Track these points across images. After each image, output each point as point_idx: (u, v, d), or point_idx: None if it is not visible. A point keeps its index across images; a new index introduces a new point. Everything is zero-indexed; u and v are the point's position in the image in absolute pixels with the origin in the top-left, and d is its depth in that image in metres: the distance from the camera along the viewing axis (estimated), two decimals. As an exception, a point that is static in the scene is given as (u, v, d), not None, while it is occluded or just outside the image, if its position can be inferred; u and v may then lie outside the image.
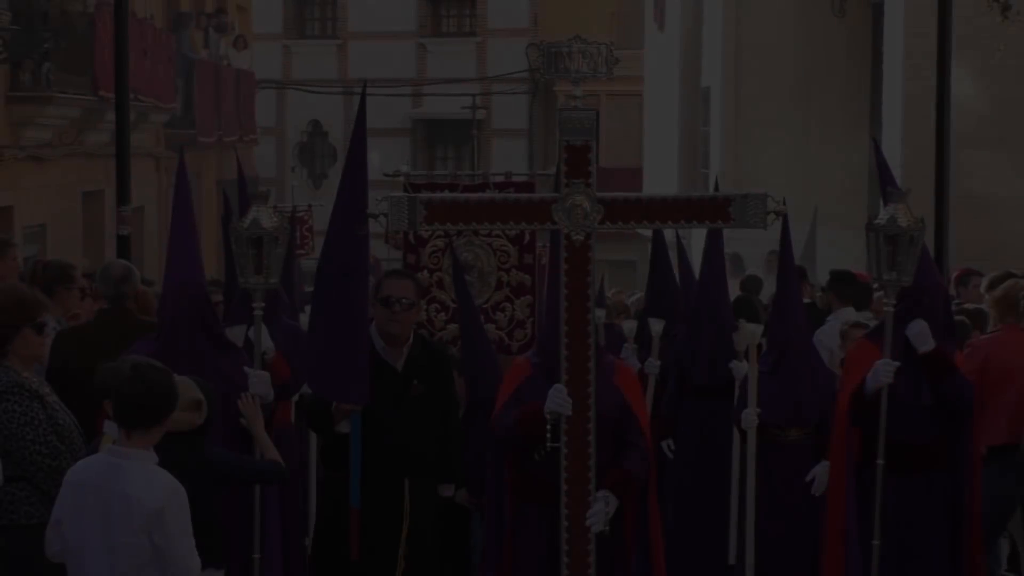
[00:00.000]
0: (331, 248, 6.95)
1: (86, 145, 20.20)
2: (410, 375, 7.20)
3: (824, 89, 20.29)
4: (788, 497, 8.58)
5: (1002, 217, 15.71)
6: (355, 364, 6.92)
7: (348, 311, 6.89)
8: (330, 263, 6.95)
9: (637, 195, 6.26)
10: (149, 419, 5.27)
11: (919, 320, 7.33)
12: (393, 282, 7.26)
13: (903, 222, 6.96)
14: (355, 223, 6.78)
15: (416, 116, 34.87)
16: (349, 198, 6.85)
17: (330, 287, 6.93)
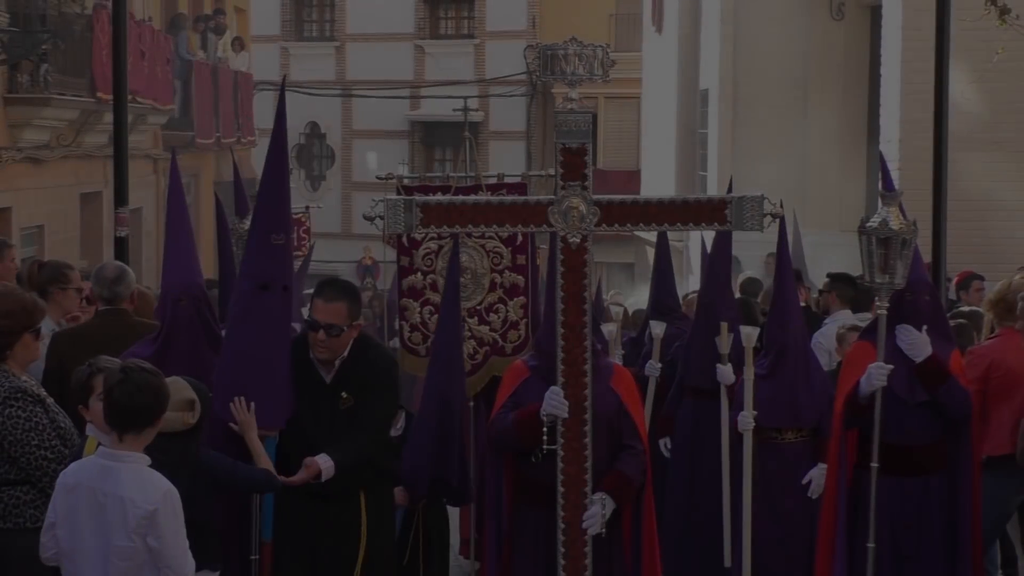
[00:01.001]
0: (249, 259, 6.58)
1: (84, 146, 20.21)
2: (339, 387, 6.71)
3: (822, 92, 20.30)
4: (785, 500, 8.58)
5: (998, 220, 15.71)
6: (270, 384, 6.51)
7: (266, 326, 6.46)
8: (248, 275, 6.55)
9: (633, 197, 6.24)
10: (141, 422, 5.27)
11: (909, 328, 7.32)
12: (320, 305, 6.66)
13: (895, 225, 6.97)
14: (272, 231, 6.47)
15: (414, 118, 34.89)
16: (266, 204, 6.54)
17: (247, 300, 6.50)
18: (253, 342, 6.43)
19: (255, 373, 6.42)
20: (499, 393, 6.97)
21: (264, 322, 6.43)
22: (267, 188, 6.56)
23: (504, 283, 9.40)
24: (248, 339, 6.44)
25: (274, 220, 6.51)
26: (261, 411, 6.44)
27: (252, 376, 6.42)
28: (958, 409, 7.34)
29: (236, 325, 6.52)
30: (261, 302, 6.43)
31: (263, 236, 6.49)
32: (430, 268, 9.43)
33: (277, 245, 6.47)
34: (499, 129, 34.09)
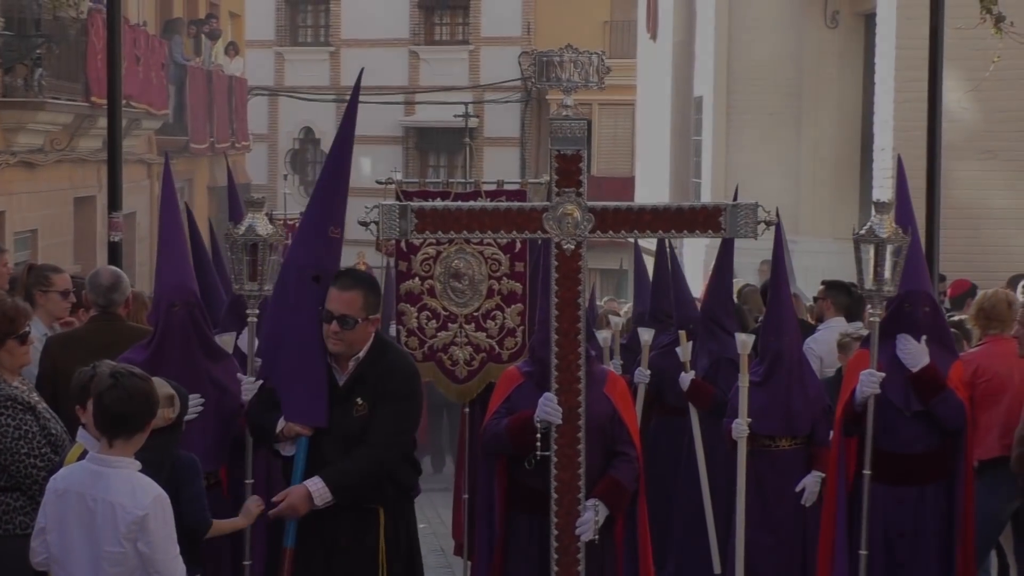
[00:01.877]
0: (303, 250, 6.49)
1: (78, 151, 20.22)
2: (353, 392, 6.31)
3: (816, 100, 20.32)
4: (778, 507, 8.59)
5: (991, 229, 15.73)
6: (311, 378, 6.31)
7: (317, 318, 6.31)
8: (300, 265, 6.43)
9: (628, 204, 6.25)
10: (131, 427, 5.27)
11: (907, 337, 7.34)
12: (335, 294, 6.28)
13: (885, 233, 6.98)
14: (332, 223, 6.44)
15: (408, 124, 34.91)
16: (329, 196, 6.50)
17: (298, 291, 6.39)
18: (306, 334, 6.30)
19: (306, 365, 6.30)
20: (493, 399, 6.97)
21: (316, 314, 6.29)
22: (329, 179, 6.55)
23: (502, 290, 9.41)
24: (301, 331, 6.32)
25: (335, 212, 6.45)
26: (309, 405, 6.27)
27: (304, 368, 6.31)
28: (952, 420, 7.35)
29: (287, 316, 6.40)
30: (314, 294, 6.31)
31: (321, 227, 6.42)
32: (428, 273, 9.44)
33: (334, 238, 6.42)
34: (493, 135, 34.12)
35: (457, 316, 9.43)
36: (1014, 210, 15.82)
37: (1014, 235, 15.75)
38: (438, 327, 9.45)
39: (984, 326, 8.59)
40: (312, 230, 6.47)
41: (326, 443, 6.29)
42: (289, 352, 6.34)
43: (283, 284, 6.47)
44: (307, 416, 6.27)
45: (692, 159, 23.48)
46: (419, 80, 34.81)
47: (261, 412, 6.44)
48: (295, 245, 6.55)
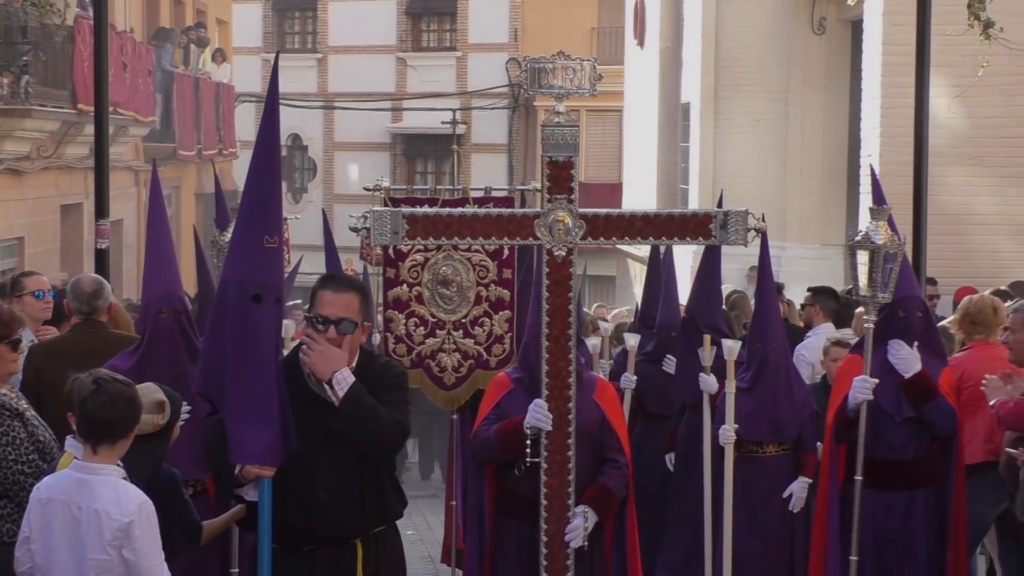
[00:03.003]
0: (237, 264, 5.58)
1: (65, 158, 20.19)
2: None
3: (803, 106, 20.34)
4: (765, 513, 8.60)
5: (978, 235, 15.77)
6: (263, 413, 5.49)
7: (261, 344, 5.51)
8: (235, 282, 5.55)
9: (619, 211, 6.25)
10: (115, 433, 5.25)
11: (900, 342, 7.35)
12: (329, 297, 5.66)
13: (880, 239, 7.00)
14: (266, 233, 5.55)
15: (396, 130, 34.90)
16: (259, 201, 5.62)
17: (237, 314, 5.51)
18: (247, 363, 5.47)
19: (254, 396, 5.48)
20: (482, 405, 6.98)
21: (259, 339, 5.50)
22: (258, 183, 5.65)
23: (490, 297, 9.42)
24: (245, 357, 5.48)
25: (268, 220, 5.59)
26: (258, 445, 5.47)
27: (252, 400, 5.48)
28: (943, 427, 7.36)
29: (221, 343, 5.54)
30: (255, 316, 5.50)
31: (255, 238, 5.55)
32: (416, 280, 9.44)
33: (271, 248, 5.56)
34: (481, 142, 34.12)
35: (445, 323, 9.44)
36: (1000, 216, 15.85)
37: (1000, 241, 15.79)
38: (426, 334, 9.45)
39: (969, 331, 8.62)
40: (245, 241, 5.57)
41: (317, 468, 5.61)
42: (233, 382, 5.49)
43: (220, 305, 5.59)
44: (257, 455, 5.50)
45: (680, 165, 23.50)
46: (406, 87, 34.81)
47: (220, 451, 5.62)
48: (229, 260, 5.66)
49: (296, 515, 5.62)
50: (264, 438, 5.47)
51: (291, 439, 5.54)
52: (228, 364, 5.49)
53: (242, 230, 5.61)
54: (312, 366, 5.53)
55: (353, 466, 5.65)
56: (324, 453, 5.61)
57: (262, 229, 5.56)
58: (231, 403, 5.50)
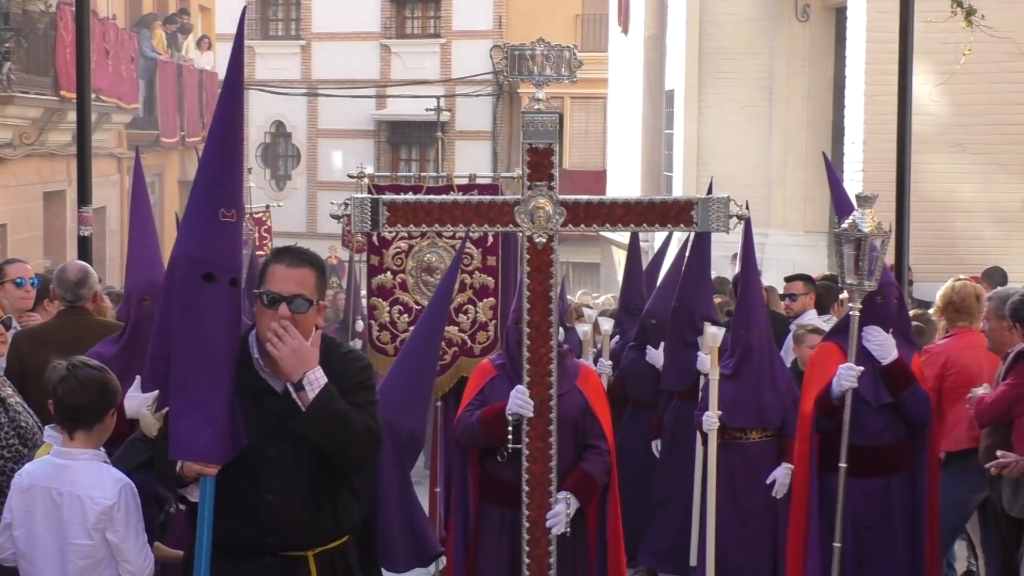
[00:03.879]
0: (188, 240, 4.93)
1: (47, 145, 20.15)
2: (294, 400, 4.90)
3: (787, 93, 20.35)
4: (749, 500, 8.62)
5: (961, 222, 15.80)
6: (209, 405, 4.83)
7: (213, 329, 4.85)
8: (186, 259, 4.90)
9: (600, 198, 6.25)
10: (88, 418, 5.26)
11: (877, 328, 7.37)
12: (281, 272, 4.92)
13: (866, 227, 7.01)
14: (222, 205, 4.89)
15: (380, 117, 34.84)
16: (216, 171, 4.96)
17: (185, 294, 4.87)
18: (194, 350, 4.82)
19: (196, 391, 4.82)
20: (466, 391, 7.00)
21: (210, 323, 4.84)
22: (217, 151, 4.97)
23: (474, 284, 9.43)
24: (189, 346, 4.83)
25: (226, 191, 4.94)
26: (201, 440, 4.82)
27: (194, 394, 4.82)
28: (920, 412, 7.39)
29: (174, 323, 4.89)
30: (205, 297, 4.84)
31: (209, 211, 4.89)
32: (400, 268, 9.44)
33: (227, 222, 4.89)
34: (465, 129, 34.08)
35: (429, 310, 9.43)
36: (983, 203, 15.88)
37: (983, 228, 15.83)
38: (410, 321, 9.46)
39: (952, 318, 8.62)
40: (199, 215, 4.91)
41: (265, 467, 4.93)
42: (179, 371, 4.85)
43: (169, 283, 4.96)
44: (199, 452, 4.83)
45: (664, 152, 23.51)
46: (390, 74, 34.75)
47: (163, 447, 4.98)
48: (179, 236, 5.02)
49: (239, 520, 4.90)
50: (208, 433, 4.80)
51: (239, 434, 4.88)
52: (174, 350, 4.83)
53: (195, 202, 4.95)
54: (281, 362, 4.82)
55: (307, 467, 4.93)
56: (272, 451, 4.90)
57: (218, 201, 4.88)
58: (175, 393, 4.84)
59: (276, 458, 4.90)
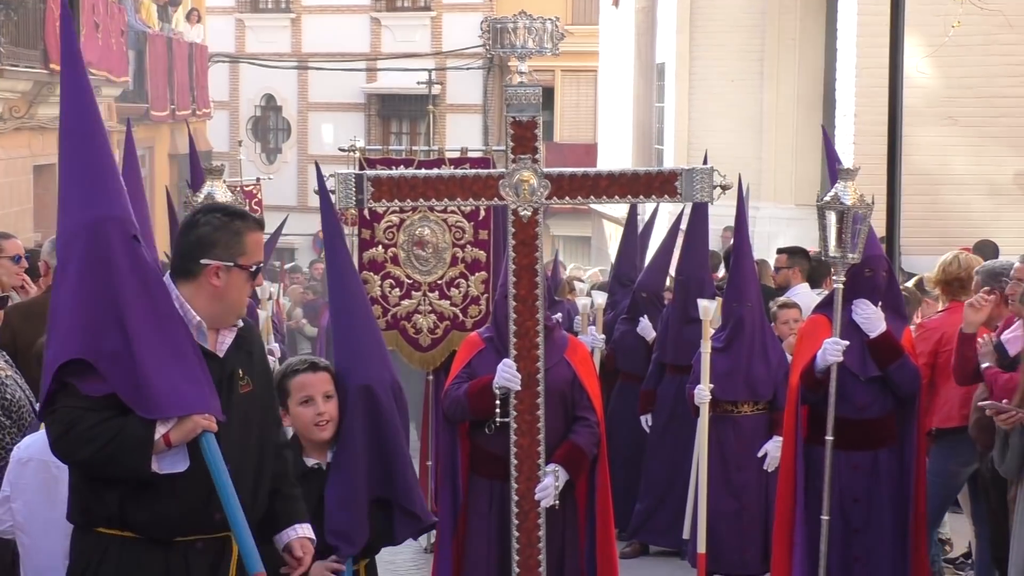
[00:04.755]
0: (103, 200, 4.52)
1: (37, 118, 20.08)
2: (233, 365, 4.68)
3: (778, 65, 20.32)
4: (740, 472, 8.64)
5: (951, 195, 15.80)
6: (185, 355, 4.50)
7: (158, 289, 4.53)
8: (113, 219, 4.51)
9: (584, 170, 6.24)
10: None
11: (866, 302, 7.35)
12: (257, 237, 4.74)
13: (849, 200, 7.00)
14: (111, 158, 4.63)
15: (370, 90, 34.75)
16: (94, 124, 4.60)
17: (120, 253, 4.44)
18: (154, 308, 4.49)
19: (174, 341, 4.49)
20: (454, 364, 7.00)
21: (156, 284, 4.52)
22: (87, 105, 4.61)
23: (465, 258, 9.43)
24: (149, 305, 4.48)
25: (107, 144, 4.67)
26: (195, 392, 4.44)
27: (170, 350, 4.47)
28: (908, 386, 7.36)
29: (123, 283, 4.45)
30: (144, 259, 4.55)
31: (111, 166, 4.62)
32: (391, 241, 9.45)
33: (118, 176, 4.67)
34: (456, 102, 34.00)
35: (421, 284, 9.45)
36: (974, 176, 15.89)
37: (974, 201, 15.83)
38: (402, 295, 9.47)
39: (949, 292, 8.48)
40: (104, 172, 4.56)
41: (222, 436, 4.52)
42: (144, 328, 4.42)
43: (103, 245, 4.46)
44: (198, 403, 4.45)
45: (655, 125, 23.49)
46: (381, 47, 34.61)
47: (101, 423, 4.37)
48: (97, 196, 4.53)
49: (184, 495, 4.47)
50: (196, 386, 4.46)
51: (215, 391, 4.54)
52: (131, 311, 4.41)
53: (96, 159, 4.55)
54: None
55: (254, 443, 4.70)
56: (235, 422, 4.59)
57: (109, 155, 4.63)
58: (145, 348, 4.39)
59: (226, 429, 4.52)
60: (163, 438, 4.39)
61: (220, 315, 4.63)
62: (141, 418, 4.36)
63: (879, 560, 7.40)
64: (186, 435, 4.41)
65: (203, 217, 4.67)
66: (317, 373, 5.35)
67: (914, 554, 7.39)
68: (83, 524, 4.57)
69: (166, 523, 4.48)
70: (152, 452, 4.38)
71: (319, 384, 5.33)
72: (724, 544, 8.64)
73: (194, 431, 4.41)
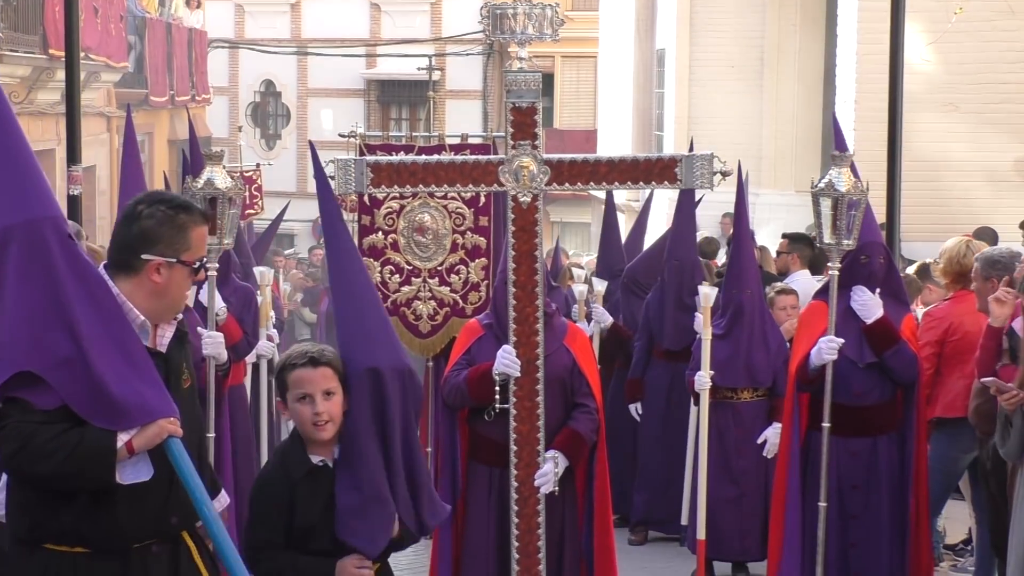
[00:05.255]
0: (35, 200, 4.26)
1: (36, 104, 20.07)
2: (176, 359, 4.51)
3: (779, 51, 20.31)
4: (740, 459, 8.65)
5: (952, 181, 15.79)
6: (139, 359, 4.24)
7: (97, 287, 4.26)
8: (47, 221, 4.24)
9: (584, 156, 6.24)
10: None
11: (863, 288, 7.33)
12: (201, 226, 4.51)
13: (843, 186, 6.97)
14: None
15: (370, 76, 34.71)
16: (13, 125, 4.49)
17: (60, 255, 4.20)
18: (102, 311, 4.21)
19: (126, 352, 4.22)
20: (453, 350, 7.00)
21: (96, 284, 4.25)
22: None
23: (466, 244, 9.43)
24: (96, 308, 4.20)
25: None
26: (155, 398, 4.22)
27: (126, 356, 4.22)
28: (905, 373, 7.33)
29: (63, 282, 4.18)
30: (81, 257, 4.28)
31: (34, 164, 4.40)
32: (391, 228, 9.44)
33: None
34: (456, 88, 33.96)
35: (421, 271, 9.45)
36: (974, 162, 15.88)
37: (974, 187, 15.83)
38: (401, 281, 9.46)
39: (959, 281, 8.37)
40: (32, 170, 4.33)
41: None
42: (96, 334, 4.15)
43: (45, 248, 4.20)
44: (160, 408, 4.22)
45: (655, 112, 23.46)
46: (380, 33, 34.57)
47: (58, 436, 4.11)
48: (27, 195, 4.26)
49: (144, 503, 4.27)
50: (155, 389, 4.23)
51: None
52: (78, 314, 4.15)
53: (24, 159, 4.34)
54: None
55: (196, 438, 4.60)
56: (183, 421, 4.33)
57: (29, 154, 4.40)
58: (98, 353, 4.15)
59: (187, 423, 4.36)
60: (126, 446, 4.14)
61: (160, 312, 4.40)
62: (100, 427, 4.12)
63: (876, 547, 7.39)
64: (150, 442, 4.18)
65: (146, 209, 4.37)
66: (317, 368, 4.81)
67: (913, 542, 7.38)
68: (30, 541, 4.26)
69: (124, 533, 4.26)
70: (116, 462, 4.13)
71: (319, 380, 4.80)
72: (724, 531, 8.66)
73: (159, 437, 4.18)
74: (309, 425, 4.81)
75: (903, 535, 7.38)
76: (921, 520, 7.39)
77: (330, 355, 4.87)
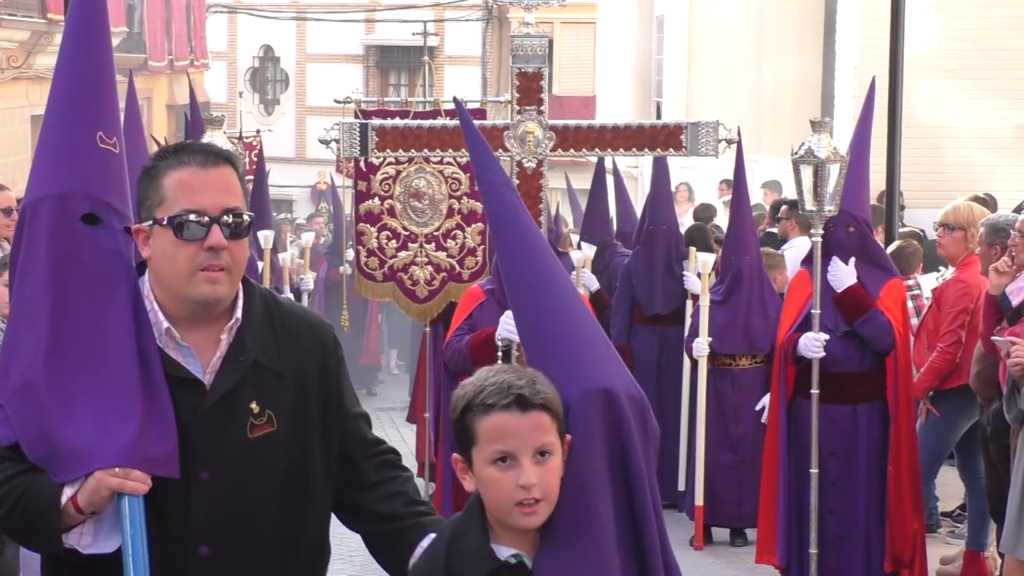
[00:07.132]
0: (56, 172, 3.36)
1: (35, 68, 20.03)
2: (240, 393, 3.24)
3: (778, 18, 20.25)
4: (738, 426, 8.67)
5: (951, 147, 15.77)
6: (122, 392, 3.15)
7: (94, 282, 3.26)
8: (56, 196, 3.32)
9: (589, 123, 6.25)
10: None
11: (835, 259, 7.27)
12: (202, 175, 3.22)
13: (822, 153, 6.95)
14: (102, 129, 3.36)
15: (368, 42, 34.62)
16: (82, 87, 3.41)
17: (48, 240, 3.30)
18: (84, 316, 3.24)
19: (97, 373, 3.19)
20: (455, 316, 7.01)
21: (101, 279, 3.27)
22: (86, 63, 3.43)
23: (462, 209, 9.43)
24: (75, 312, 3.24)
25: (102, 112, 3.42)
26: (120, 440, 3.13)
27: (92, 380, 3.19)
28: (877, 341, 7.25)
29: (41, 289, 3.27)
30: (88, 244, 3.29)
31: (82, 137, 3.35)
32: (388, 193, 9.44)
33: (107, 150, 3.37)
34: (454, 54, 33.88)
35: (417, 236, 9.45)
36: (974, 129, 15.85)
37: (974, 154, 15.80)
38: (398, 247, 9.47)
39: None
40: (69, 142, 3.36)
41: (198, 506, 3.21)
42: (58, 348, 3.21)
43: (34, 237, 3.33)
44: (118, 454, 3.12)
45: (654, 78, 23.41)
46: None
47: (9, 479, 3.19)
48: (42, 170, 3.40)
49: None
50: (128, 429, 3.13)
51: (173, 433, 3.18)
52: (56, 322, 3.23)
53: (59, 128, 3.39)
54: None
55: (259, 500, 3.27)
56: (203, 474, 3.22)
57: (93, 123, 3.39)
58: (65, 377, 3.20)
59: (210, 486, 3.21)
60: (71, 503, 3.13)
61: (178, 305, 3.24)
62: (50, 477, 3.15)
63: (853, 513, 7.36)
64: (94, 499, 3.11)
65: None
66: (528, 414, 2.90)
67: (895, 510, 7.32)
68: None
69: None
70: (58, 522, 3.14)
71: (530, 434, 2.90)
72: (721, 496, 8.68)
73: (97, 493, 3.10)
74: (509, 504, 2.94)
75: (882, 503, 7.33)
76: (903, 489, 7.34)
77: (546, 392, 2.95)
